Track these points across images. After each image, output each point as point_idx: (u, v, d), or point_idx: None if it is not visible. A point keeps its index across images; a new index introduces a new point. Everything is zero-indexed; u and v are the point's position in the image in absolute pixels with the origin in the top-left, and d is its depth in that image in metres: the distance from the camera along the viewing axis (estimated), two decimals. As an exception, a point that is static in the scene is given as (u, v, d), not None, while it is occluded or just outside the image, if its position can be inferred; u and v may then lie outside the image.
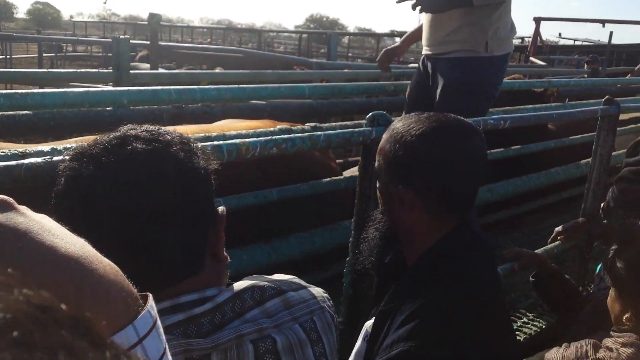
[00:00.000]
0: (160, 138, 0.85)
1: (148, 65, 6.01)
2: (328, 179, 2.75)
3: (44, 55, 10.27)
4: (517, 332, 2.51)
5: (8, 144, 1.83)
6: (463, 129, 1.25)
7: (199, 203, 0.86)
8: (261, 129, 2.52)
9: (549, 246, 2.55)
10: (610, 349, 1.26)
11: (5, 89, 8.04)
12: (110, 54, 12.17)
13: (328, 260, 2.77)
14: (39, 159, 1.00)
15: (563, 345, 1.35)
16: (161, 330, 0.54)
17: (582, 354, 1.27)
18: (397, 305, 1.19)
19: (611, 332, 1.33)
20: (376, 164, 1.31)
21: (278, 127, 2.65)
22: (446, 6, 2.51)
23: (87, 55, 15.83)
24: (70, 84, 3.73)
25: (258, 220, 2.51)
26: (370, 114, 1.60)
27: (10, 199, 0.51)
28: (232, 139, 2.32)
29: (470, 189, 1.25)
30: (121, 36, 3.06)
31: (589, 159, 4.24)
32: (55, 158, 1.02)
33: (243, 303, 0.88)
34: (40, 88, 6.68)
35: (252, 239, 2.38)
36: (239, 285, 0.92)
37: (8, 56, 10.33)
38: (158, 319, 0.54)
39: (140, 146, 0.82)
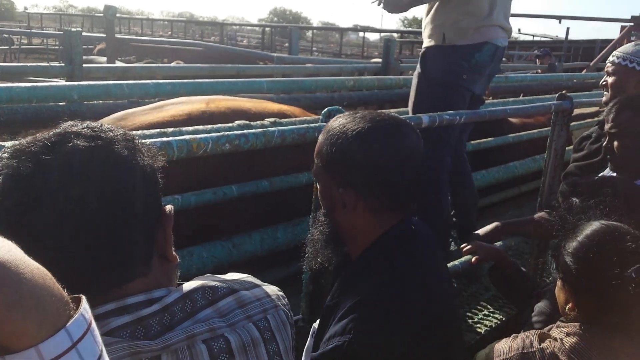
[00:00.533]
0: (103, 135, 0.81)
1: (105, 59, 5.87)
2: (287, 175, 2.74)
3: (-4, 48, 9.92)
4: (477, 325, 2.55)
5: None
6: (398, 127, 1.26)
7: (144, 202, 0.83)
8: (219, 126, 2.48)
9: (507, 239, 2.60)
10: (555, 339, 1.29)
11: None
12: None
13: (291, 256, 2.76)
14: None
15: (511, 336, 1.38)
16: (97, 332, 0.52)
17: (528, 344, 1.30)
18: (340, 300, 1.20)
19: (558, 322, 1.36)
20: (314, 167, 1.30)
21: (237, 122, 2.61)
22: (405, 5, 2.54)
23: (43, 49, 15.36)
24: (25, 78, 3.61)
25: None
26: (325, 110, 1.59)
27: None
28: (189, 134, 2.28)
29: (408, 186, 1.26)
30: (74, 29, 2.96)
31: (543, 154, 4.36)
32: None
33: (194, 303, 0.86)
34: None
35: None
36: (188, 285, 0.89)
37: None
38: (93, 321, 0.52)
39: (81, 143, 0.79)
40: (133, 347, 0.76)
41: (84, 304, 0.52)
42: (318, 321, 1.33)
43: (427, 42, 2.64)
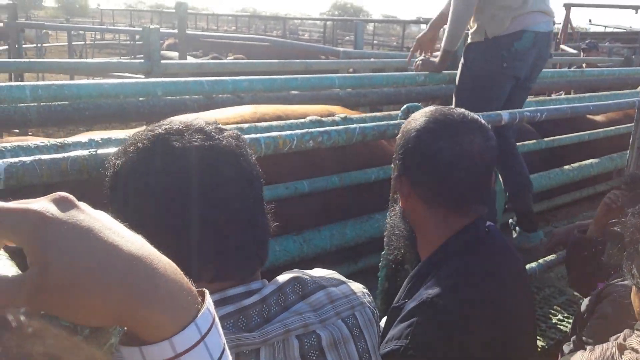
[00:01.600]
0: (217, 135, 0.86)
1: (176, 54, 6.04)
2: (356, 171, 2.74)
3: (73, 43, 10.41)
4: (551, 330, 2.47)
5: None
6: (464, 124, 1.24)
7: (259, 193, 0.89)
8: (292, 121, 2.51)
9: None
10: (636, 350, 1.22)
11: (37, 78, 8.19)
12: (137, 42, 12.30)
13: (359, 252, 2.77)
14: (84, 152, 1.00)
15: (588, 348, 1.32)
16: (219, 326, 0.54)
17: (608, 356, 1.24)
18: (405, 302, 1.19)
19: (635, 330, 1.29)
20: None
21: (308, 118, 2.65)
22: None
23: (115, 44, 16.00)
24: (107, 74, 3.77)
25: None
26: (404, 106, 1.58)
27: (70, 196, 0.51)
28: (267, 131, 2.33)
29: (468, 185, 1.23)
30: (151, 26, 3.07)
31: (624, 152, 4.16)
32: (100, 151, 1.02)
33: (286, 297, 0.88)
34: (71, 77, 6.79)
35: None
36: (281, 278, 0.92)
37: (40, 45, 10.47)
38: (216, 316, 0.54)
39: (200, 140, 0.84)
40: (237, 339, 0.78)
41: (208, 297, 0.54)
42: (384, 320, 1.33)
43: (471, 39, 2.83)
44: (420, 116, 1.28)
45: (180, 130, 0.84)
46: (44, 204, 0.48)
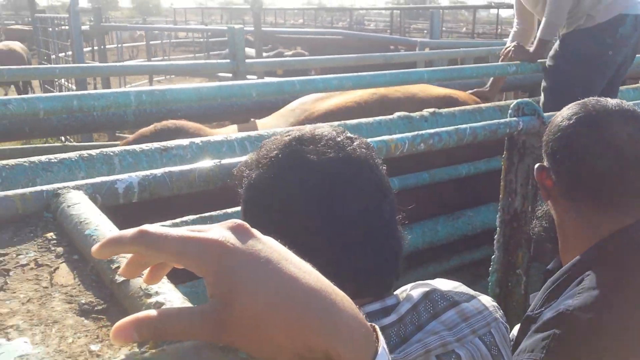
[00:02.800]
0: (348, 146, 0.83)
1: (251, 50, 6.13)
2: (447, 167, 2.68)
3: (150, 43, 10.81)
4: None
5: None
6: (613, 115, 1.15)
7: (394, 205, 0.86)
8: (381, 118, 2.48)
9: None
10: None
11: (119, 81, 8.58)
12: (209, 40, 12.60)
13: (449, 250, 2.71)
14: (210, 164, 1.02)
15: None
16: None
17: None
18: (542, 312, 1.10)
19: None
20: None
21: (396, 115, 2.60)
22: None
23: (189, 42, 16.49)
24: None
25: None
26: (514, 103, 1.51)
27: (246, 224, 0.50)
28: (356, 129, 2.30)
29: (617, 178, 1.12)
30: (235, 25, 3.11)
31: None
32: (224, 162, 1.03)
33: (419, 315, 0.85)
34: (150, 77, 7.04)
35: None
36: (414, 294, 0.88)
37: (120, 45, 10.95)
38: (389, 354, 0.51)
39: (334, 151, 0.82)
40: None
41: (380, 334, 0.51)
42: (517, 329, 1.27)
43: (568, 29, 2.77)
44: (571, 105, 1.21)
45: (312, 140, 0.82)
46: (223, 233, 0.47)
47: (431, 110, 2.80)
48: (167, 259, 0.48)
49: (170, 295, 0.57)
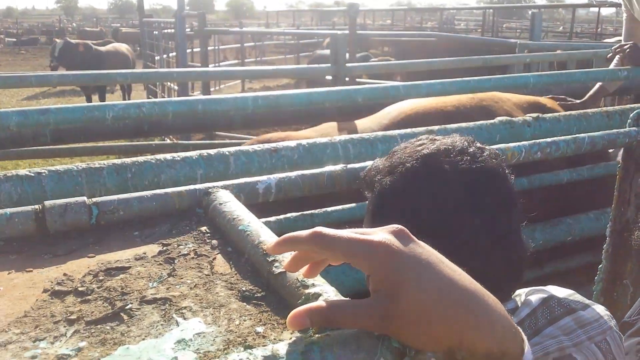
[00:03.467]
0: (480, 156, 0.88)
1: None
2: (550, 173, 2.62)
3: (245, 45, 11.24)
4: None
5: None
6: None
7: (520, 214, 0.90)
8: (482, 122, 2.47)
9: None
10: None
11: (214, 85, 8.96)
12: (300, 42, 12.85)
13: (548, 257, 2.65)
14: (338, 168, 1.09)
15: None
16: None
17: None
18: (639, 319, 1.10)
19: None
20: None
21: (498, 119, 2.57)
22: None
23: (281, 44, 16.92)
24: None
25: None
26: (635, 112, 1.47)
27: (406, 230, 0.55)
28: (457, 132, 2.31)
29: None
30: (337, 32, 3.20)
31: None
32: (349, 166, 1.10)
33: (537, 321, 0.87)
34: (242, 81, 7.23)
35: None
36: (533, 300, 0.91)
37: (216, 47, 11.44)
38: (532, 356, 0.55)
39: (468, 162, 0.87)
40: None
41: (523, 335, 0.56)
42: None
43: None
44: None
45: (447, 150, 0.87)
46: (386, 236, 0.54)
47: (534, 115, 2.74)
48: (337, 258, 0.55)
49: (325, 288, 0.63)
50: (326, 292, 0.63)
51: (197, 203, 0.95)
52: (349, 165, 1.10)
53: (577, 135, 1.38)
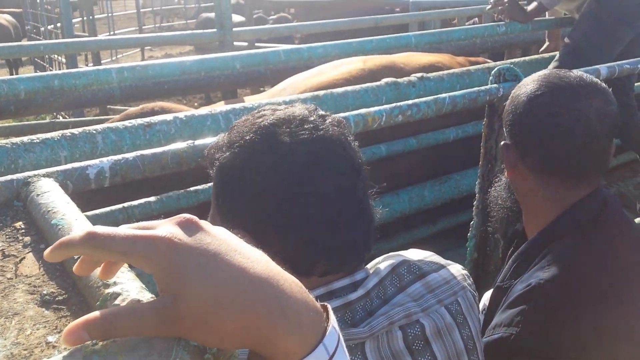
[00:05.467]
0: (321, 125, 0.84)
1: (243, 19, 6.03)
2: (434, 132, 2.68)
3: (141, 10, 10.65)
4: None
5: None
6: (582, 87, 1.14)
7: (366, 181, 0.87)
8: (368, 85, 2.46)
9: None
10: None
11: (111, 53, 8.46)
12: (202, 5, 12.34)
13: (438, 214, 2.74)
14: (183, 145, 1.02)
15: None
16: (343, 342, 0.53)
17: None
18: (512, 284, 1.13)
19: None
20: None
21: (383, 81, 2.58)
22: None
23: (180, 7, 16.22)
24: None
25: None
26: (495, 69, 1.50)
27: (195, 218, 0.51)
28: (343, 97, 2.29)
29: (584, 153, 1.13)
30: (222, -7, 3.06)
31: None
32: (197, 142, 1.04)
33: (385, 290, 0.87)
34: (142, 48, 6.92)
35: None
36: (382, 268, 0.90)
37: (110, 14, 10.78)
38: (340, 333, 0.53)
39: (331, 128, 0.83)
40: (346, 335, 0.78)
41: (332, 314, 0.53)
42: (488, 297, 1.29)
43: None
44: (532, 80, 1.19)
45: (286, 121, 0.82)
46: (170, 229, 0.49)
47: (419, 75, 2.77)
48: (116, 259, 0.50)
49: (128, 285, 0.58)
50: (127, 290, 0.58)
51: (16, 195, 0.86)
52: (197, 142, 1.03)
53: (438, 95, 1.39)
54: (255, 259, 0.50)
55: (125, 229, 0.49)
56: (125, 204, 1.96)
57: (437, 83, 2.74)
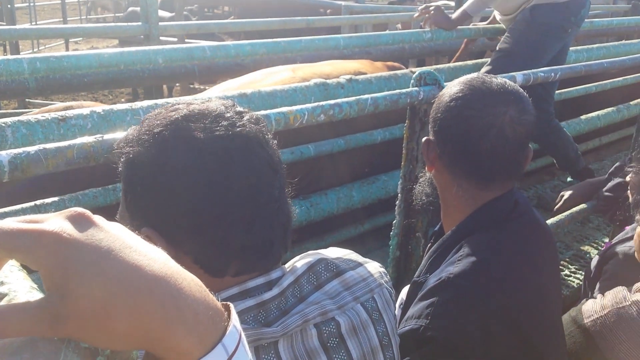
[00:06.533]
0: (238, 121, 0.81)
1: (166, 13, 5.88)
2: (362, 133, 2.72)
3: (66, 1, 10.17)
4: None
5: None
6: (501, 94, 1.18)
7: (284, 180, 0.85)
8: (297, 85, 2.46)
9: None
10: None
11: (32, 44, 8.02)
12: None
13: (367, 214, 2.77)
14: (90, 139, 0.97)
15: (598, 296, 1.35)
16: (245, 341, 0.52)
17: (620, 298, 1.27)
18: (426, 278, 1.17)
19: None
20: None
21: (313, 81, 2.59)
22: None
23: None
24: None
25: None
26: (417, 73, 1.53)
27: (87, 212, 0.48)
28: (271, 96, 2.27)
29: (496, 158, 1.18)
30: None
31: (630, 102, 4.09)
32: (106, 137, 0.99)
33: (301, 288, 0.86)
34: (66, 41, 6.62)
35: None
36: (299, 266, 0.89)
37: (31, 4, 10.23)
38: (242, 331, 0.52)
39: (223, 128, 0.79)
40: (258, 334, 0.77)
41: (234, 313, 0.52)
42: (405, 291, 1.32)
43: (539, 0, 2.94)
44: (457, 82, 1.23)
45: (201, 116, 0.79)
46: (60, 223, 0.46)
47: (347, 77, 2.80)
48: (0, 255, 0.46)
49: (16, 285, 0.54)
50: (14, 291, 0.53)
51: None
52: (105, 136, 0.98)
53: (360, 96, 1.40)
54: (152, 257, 0.47)
55: (10, 222, 0.45)
56: (38, 202, 1.86)
57: (365, 85, 2.77)
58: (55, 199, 1.81)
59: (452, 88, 1.23)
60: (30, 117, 1.72)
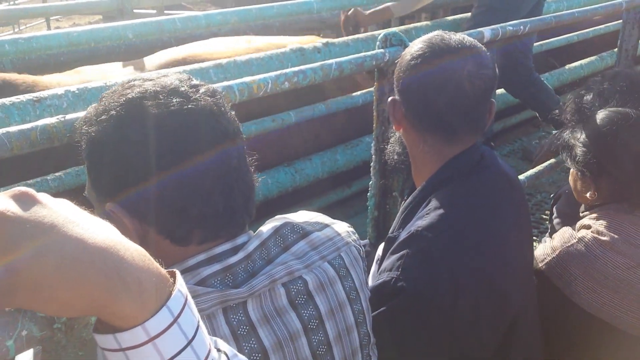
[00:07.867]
0: (193, 95, 0.84)
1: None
2: (344, 97, 2.72)
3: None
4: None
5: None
6: (459, 50, 1.21)
7: (242, 149, 0.89)
8: (273, 52, 2.46)
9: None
10: (589, 226, 1.32)
11: (13, 28, 7.82)
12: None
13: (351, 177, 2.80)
14: (53, 120, 0.99)
15: (547, 239, 1.41)
16: (193, 304, 0.55)
17: (567, 238, 1.33)
18: (399, 233, 1.21)
19: (584, 213, 1.39)
20: None
21: (289, 47, 2.58)
22: None
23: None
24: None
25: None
26: (382, 34, 1.54)
27: (31, 191, 0.51)
28: (247, 65, 2.27)
29: (456, 113, 1.21)
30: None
31: (612, 50, 4.08)
32: (68, 117, 1.01)
33: (269, 250, 0.90)
34: (47, 19, 6.52)
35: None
36: (265, 230, 0.93)
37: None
38: (189, 295, 0.55)
39: (205, 98, 0.84)
40: (224, 296, 0.80)
41: (180, 278, 0.55)
42: (381, 248, 1.36)
43: None
44: (419, 41, 1.26)
45: (155, 92, 0.81)
46: (3, 202, 0.49)
47: (324, 41, 2.79)
48: None
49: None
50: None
51: None
52: (67, 116, 1.01)
53: (325, 61, 1.41)
54: (94, 230, 0.51)
55: None
56: (21, 183, 1.88)
57: (342, 48, 2.76)
58: (38, 179, 1.84)
59: (413, 47, 1.25)
60: (5, 100, 1.73)
